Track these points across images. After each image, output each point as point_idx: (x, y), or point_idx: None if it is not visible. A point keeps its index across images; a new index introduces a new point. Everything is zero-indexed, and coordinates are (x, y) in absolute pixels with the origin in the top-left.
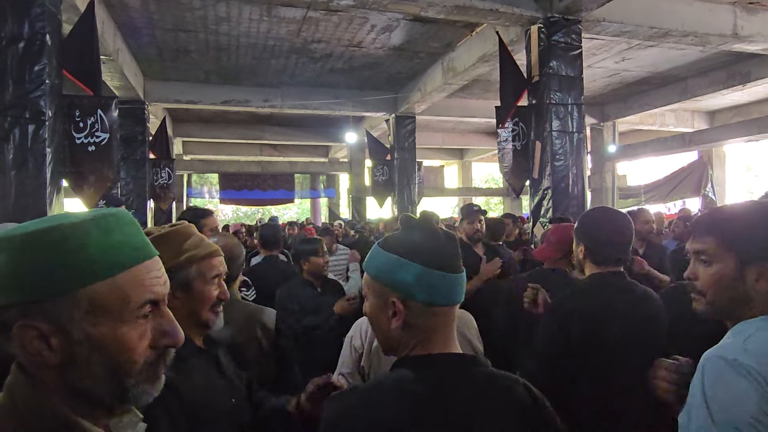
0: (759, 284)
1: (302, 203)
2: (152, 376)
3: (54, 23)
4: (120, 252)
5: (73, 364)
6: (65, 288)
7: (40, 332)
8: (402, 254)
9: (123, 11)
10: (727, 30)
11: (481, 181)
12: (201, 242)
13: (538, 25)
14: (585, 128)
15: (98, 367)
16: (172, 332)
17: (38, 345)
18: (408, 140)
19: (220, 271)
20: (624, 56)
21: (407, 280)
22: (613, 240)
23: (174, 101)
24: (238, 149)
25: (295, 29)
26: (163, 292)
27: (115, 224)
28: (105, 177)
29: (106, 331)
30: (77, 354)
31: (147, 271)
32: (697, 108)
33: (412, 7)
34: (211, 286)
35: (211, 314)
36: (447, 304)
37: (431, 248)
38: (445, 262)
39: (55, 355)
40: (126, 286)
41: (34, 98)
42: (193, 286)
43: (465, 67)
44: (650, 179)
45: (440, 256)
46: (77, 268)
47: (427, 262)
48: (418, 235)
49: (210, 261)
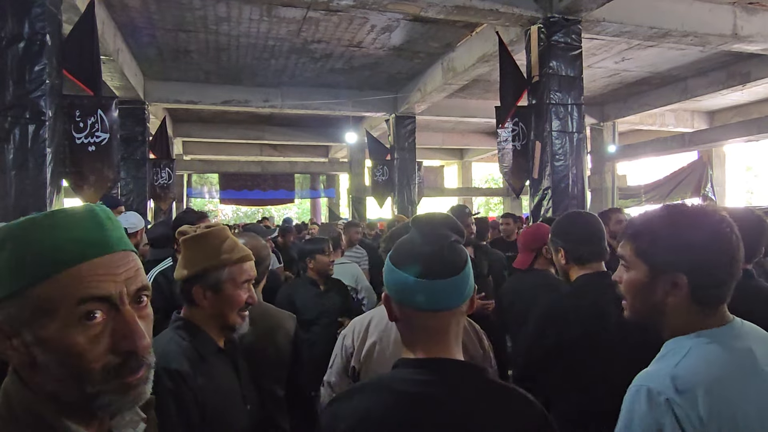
0: (669, 298)
1: (302, 203)
2: (120, 385)
3: (54, 23)
4: (66, 249)
5: (35, 366)
6: (13, 288)
7: (4, 333)
8: (393, 261)
9: (123, 11)
10: (727, 30)
11: (481, 181)
12: (235, 246)
13: (538, 25)
14: (585, 128)
15: (57, 371)
16: (129, 334)
17: (4, 345)
18: (408, 140)
19: (251, 276)
20: (624, 56)
21: (398, 286)
22: (590, 238)
23: (174, 101)
24: (238, 149)
25: (295, 29)
26: (119, 290)
27: (63, 221)
28: (105, 177)
29: (53, 334)
30: (36, 356)
31: (97, 267)
32: (696, 108)
33: (412, 7)
34: (240, 290)
35: (238, 318)
36: (436, 309)
37: (419, 254)
38: (432, 269)
39: (19, 355)
40: (70, 285)
41: (34, 98)
42: (224, 288)
43: (465, 67)
44: (650, 179)
45: (429, 263)
46: (23, 268)
47: (414, 270)
48: (414, 239)
49: (242, 265)
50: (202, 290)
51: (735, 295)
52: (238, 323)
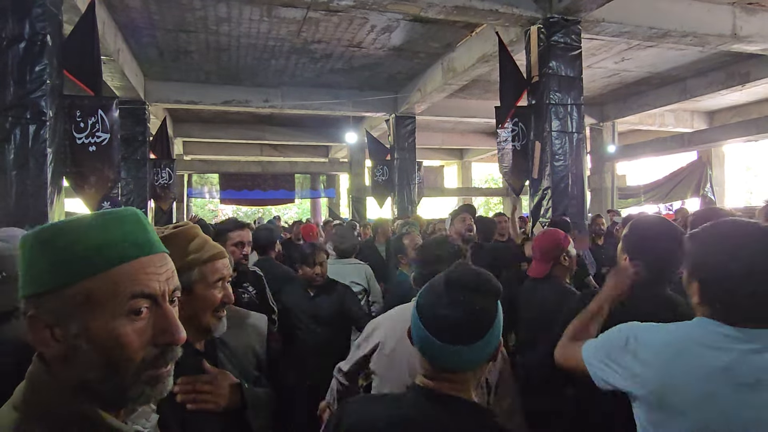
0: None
1: (302, 203)
2: (153, 375)
3: (55, 24)
4: (114, 248)
5: (75, 357)
6: (63, 282)
7: (46, 323)
8: (420, 315)
9: (124, 12)
10: (727, 30)
11: (481, 181)
12: (205, 244)
13: (538, 26)
14: (584, 128)
15: (96, 361)
16: (170, 329)
17: (45, 335)
18: (408, 140)
19: (224, 274)
20: (623, 56)
21: (422, 342)
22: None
23: (174, 101)
24: (238, 149)
25: (295, 30)
26: (161, 289)
27: (113, 222)
28: (106, 177)
29: (100, 325)
30: (77, 347)
31: (144, 266)
32: (696, 108)
33: (412, 7)
34: (214, 290)
35: (213, 318)
36: (458, 371)
37: (446, 318)
38: (456, 335)
39: (60, 345)
40: (119, 281)
41: (34, 98)
42: (195, 289)
43: (465, 67)
44: (650, 179)
45: (454, 329)
46: (72, 264)
47: (439, 334)
48: (442, 298)
49: (214, 264)
50: None
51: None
52: (213, 324)
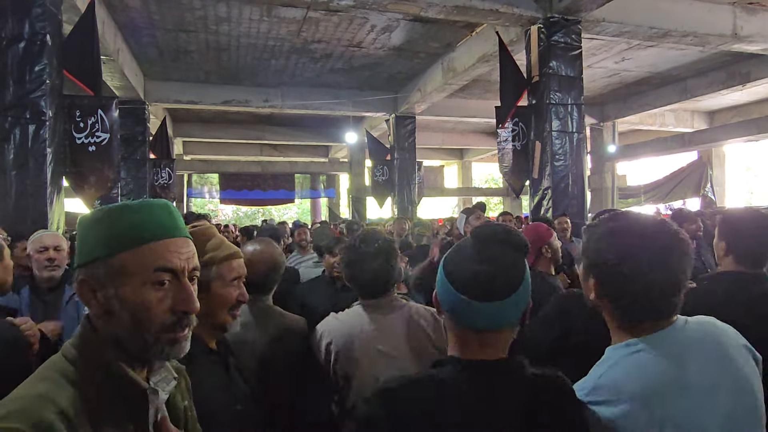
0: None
1: (302, 203)
2: (171, 337)
3: (54, 23)
4: (145, 228)
5: (111, 315)
6: (105, 254)
7: (90, 287)
8: (448, 275)
9: (123, 11)
10: (727, 30)
11: (481, 181)
12: (221, 244)
13: (538, 26)
14: (585, 128)
15: (126, 320)
16: (187, 300)
17: (89, 296)
18: (408, 140)
19: (240, 273)
20: (624, 56)
21: (452, 305)
22: None
23: (174, 101)
24: (238, 149)
25: (295, 29)
26: (182, 266)
27: (148, 208)
28: (105, 177)
29: (130, 291)
30: (112, 307)
31: (169, 246)
32: (696, 108)
33: (412, 7)
34: (230, 288)
35: (228, 316)
36: (492, 330)
37: (476, 272)
38: (489, 290)
39: (99, 305)
40: (147, 256)
41: (34, 98)
42: (212, 287)
43: (465, 67)
44: (650, 179)
45: (486, 283)
46: (113, 239)
47: (470, 290)
48: (470, 254)
49: (230, 263)
50: None
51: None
52: (228, 322)
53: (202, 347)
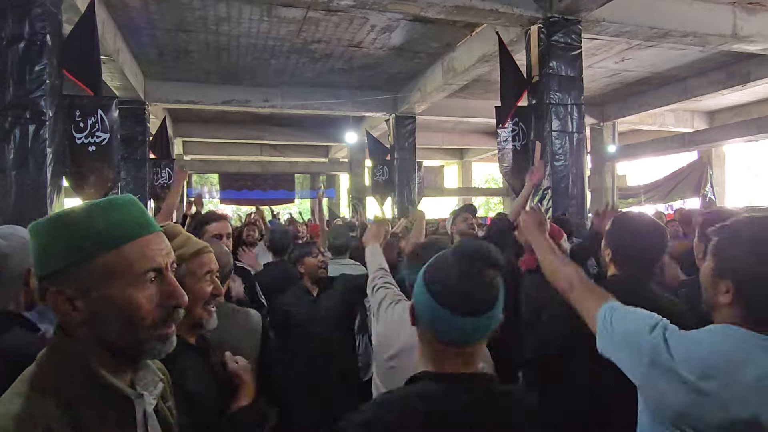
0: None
1: (302, 203)
2: (162, 333)
3: (54, 23)
4: (123, 227)
5: (97, 321)
6: (83, 258)
7: (67, 296)
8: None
9: (123, 11)
10: (727, 30)
11: (481, 181)
12: (188, 241)
13: (538, 26)
14: (585, 128)
15: (116, 322)
16: (175, 293)
17: (66, 307)
18: (408, 140)
19: (212, 268)
20: (624, 56)
21: (431, 316)
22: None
23: (174, 101)
24: (238, 149)
25: (295, 29)
26: (165, 262)
27: (118, 205)
28: (105, 177)
29: (117, 292)
30: (98, 311)
31: (149, 243)
32: (696, 108)
33: (412, 7)
34: (203, 283)
35: (204, 312)
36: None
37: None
38: (469, 306)
39: (80, 314)
40: (130, 255)
41: (34, 98)
42: (185, 284)
43: (465, 67)
44: (650, 179)
45: (467, 299)
46: (90, 242)
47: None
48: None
49: (200, 258)
50: None
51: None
52: (204, 317)
53: (181, 345)
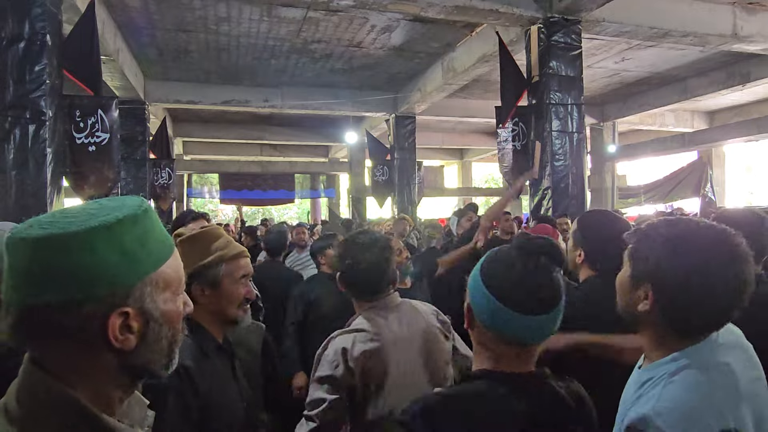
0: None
1: (302, 203)
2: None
3: (54, 23)
4: (167, 238)
5: (143, 343)
6: (150, 269)
7: (126, 319)
8: (490, 287)
9: (123, 11)
10: (727, 30)
11: (481, 181)
12: (229, 243)
13: (538, 26)
14: (585, 128)
15: (164, 340)
16: (188, 302)
17: (124, 332)
18: (408, 140)
19: (248, 271)
20: (624, 56)
21: (494, 316)
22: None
23: (174, 101)
24: (238, 149)
25: (295, 29)
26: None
27: (155, 217)
28: (105, 177)
29: (171, 306)
30: (149, 331)
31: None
32: (696, 108)
33: (412, 7)
34: (238, 285)
35: (239, 311)
36: (533, 344)
37: (525, 285)
38: (538, 303)
39: (135, 337)
40: (175, 266)
41: (34, 98)
42: (222, 284)
43: (465, 67)
44: (650, 179)
45: (535, 296)
46: (155, 248)
47: (519, 303)
48: (517, 266)
49: (238, 261)
50: (200, 288)
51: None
52: (240, 316)
53: (213, 344)
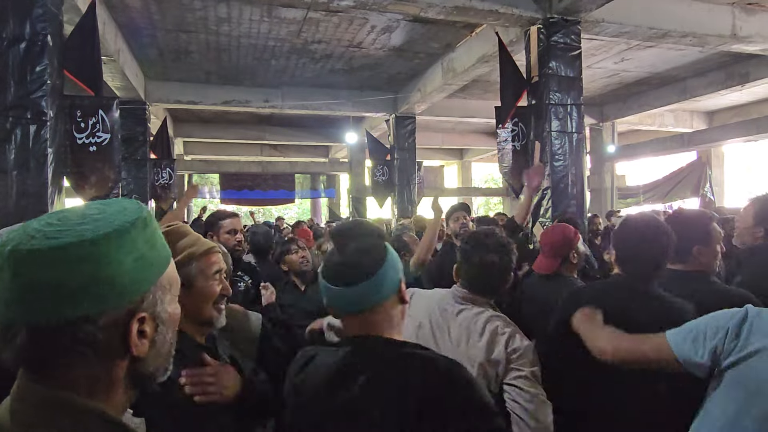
0: None
1: (302, 203)
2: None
3: (55, 24)
4: (165, 243)
5: (153, 348)
6: (161, 272)
7: (142, 325)
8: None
9: (124, 12)
10: (726, 30)
11: (481, 181)
12: (197, 240)
13: (538, 26)
14: (584, 128)
15: (167, 345)
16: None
17: (140, 337)
18: (408, 140)
19: (221, 267)
20: (623, 57)
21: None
22: None
23: (175, 101)
24: (238, 149)
25: (295, 30)
26: None
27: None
28: (106, 177)
29: (175, 308)
30: (158, 335)
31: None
32: (695, 108)
33: (412, 7)
34: (213, 282)
35: (214, 311)
36: (350, 312)
37: (329, 263)
38: (338, 277)
39: (147, 343)
40: (173, 265)
41: (35, 99)
42: (195, 282)
43: (465, 67)
44: (649, 179)
45: (335, 271)
46: (162, 250)
47: (326, 277)
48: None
49: (209, 257)
50: None
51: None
52: (214, 317)
53: (191, 342)
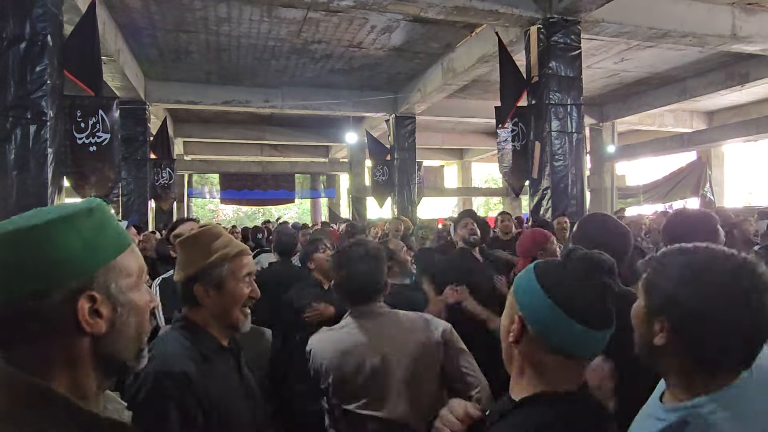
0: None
1: (302, 203)
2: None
3: (55, 24)
4: (124, 233)
5: (112, 330)
6: (110, 257)
7: (94, 304)
8: (558, 302)
9: (124, 12)
10: (726, 31)
11: (481, 181)
12: (230, 242)
13: (538, 26)
14: (584, 128)
15: (131, 329)
16: (153, 296)
17: (94, 316)
18: (408, 140)
19: (251, 270)
20: (623, 57)
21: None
22: None
23: (175, 101)
24: (238, 149)
25: (295, 30)
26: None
27: (111, 213)
28: (106, 177)
29: (137, 295)
30: (117, 318)
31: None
32: (695, 108)
33: (412, 7)
34: (242, 284)
35: (240, 314)
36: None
37: (594, 302)
38: (605, 319)
39: (104, 323)
40: (134, 257)
41: (35, 99)
42: (226, 284)
43: (465, 67)
44: (649, 179)
45: (602, 313)
46: (113, 239)
47: (589, 320)
48: (582, 281)
49: (241, 259)
50: (203, 289)
51: None
52: (240, 321)
53: (215, 346)
